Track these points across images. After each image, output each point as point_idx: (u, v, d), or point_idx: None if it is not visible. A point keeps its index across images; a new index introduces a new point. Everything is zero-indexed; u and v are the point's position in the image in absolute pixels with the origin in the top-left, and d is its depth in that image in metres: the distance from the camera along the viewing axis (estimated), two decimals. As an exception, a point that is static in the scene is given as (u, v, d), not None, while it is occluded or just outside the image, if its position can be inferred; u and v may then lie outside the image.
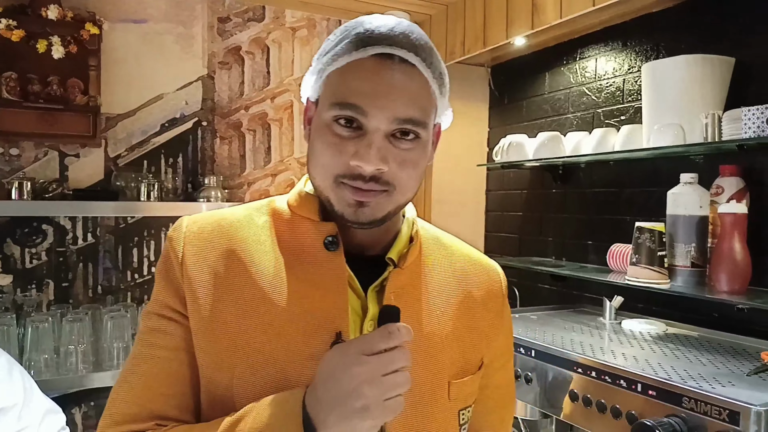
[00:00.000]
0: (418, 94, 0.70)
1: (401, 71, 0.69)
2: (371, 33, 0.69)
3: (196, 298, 0.72)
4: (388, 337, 0.60)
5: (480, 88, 2.79)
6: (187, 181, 2.55)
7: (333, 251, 0.74)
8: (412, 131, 0.70)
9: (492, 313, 0.84)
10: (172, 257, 0.75)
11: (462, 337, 0.80)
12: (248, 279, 0.73)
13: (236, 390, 0.69)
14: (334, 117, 0.69)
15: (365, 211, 0.70)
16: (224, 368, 0.70)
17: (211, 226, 0.77)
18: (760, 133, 1.46)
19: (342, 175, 0.69)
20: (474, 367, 0.81)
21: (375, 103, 0.67)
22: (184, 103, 2.55)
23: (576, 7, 1.93)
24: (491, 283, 0.86)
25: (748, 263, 1.56)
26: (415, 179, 0.73)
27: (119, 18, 2.39)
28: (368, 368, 0.59)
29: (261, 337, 0.70)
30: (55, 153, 2.33)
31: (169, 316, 0.74)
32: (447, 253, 0.85)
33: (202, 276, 0.73)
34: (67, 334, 2.12)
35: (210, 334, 0.71)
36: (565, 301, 2.27)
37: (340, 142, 0.69)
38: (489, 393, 0.86)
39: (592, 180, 2.21)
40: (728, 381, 1.21)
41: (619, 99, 2.11)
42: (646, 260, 1.68)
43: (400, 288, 0.76)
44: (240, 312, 0.71)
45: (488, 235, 2.82)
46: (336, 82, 0.70)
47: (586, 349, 1.45)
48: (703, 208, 1.66)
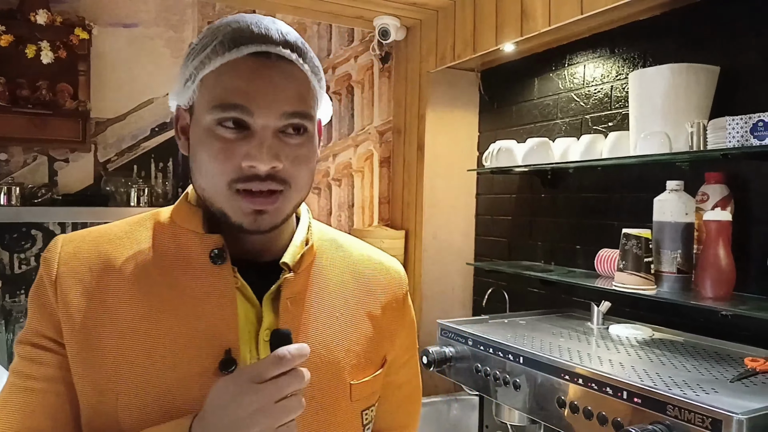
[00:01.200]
0: (301, 88, 0.69)
1: (280, 68, 0.68)
2: (242, 33, 0.67)
3: (72, 323, 0.68)
4: (278, 363, 0.59)
5: (470, 92, 2.81)
6: (177, 185, 2.55)
7: (219, 264, 0.71)
8: (301, 125, 0.69)
9: (393, 311, 0.84)
10: (45, 281, 0.70)
11: (362, 337, 0.79)
12: (128, 298, 0.69)
13: (122, 417, 0.66)
14: (218, 120, 0.66)
15: (265, 218, 0.68)
16: (107, 395, 0.66)
17: (88, 244, 0.73)
18: (744, 143, 1.48)
19: (236, 180, 0.66)
20: (376, 365, 0.81)
21: (260, 101, 0.66)
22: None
23: (565, 14, 1.95)
24: (391, 281, 0.86)
25: (732, 269, 1.58)
26: (308, 175, 0.72)
27: (109, 22, 2.39)
28: (260, 396, 0.58)
29: (144, 360, 0.67)
30: (45, 158, 2.33)
31: (43, 345, 0.69)
32: (344, 254, 0.84)
33: (77, 299, 0.68)
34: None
35: (89, 360, 0.67)
36: (553, 305, 2.29)
37: (227, 146, 0.66)
38: (394, 390, 0.86)
39: (581, 185, 2.23)
40: (712, 388, 1.23)
41: (607, 105, 2.14)
42: (632, 266, 1.70)
43: (296, 294, 0.74)
44: (120, 334, 0.67)
45: (478, 239, 2.84)
46: (213, 85, 0.67)
47: (573, 356, 1.47)
48: (688, 215, 1.68)
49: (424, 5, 2.55)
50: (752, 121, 1.47)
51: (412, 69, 2.87)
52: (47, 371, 0.68)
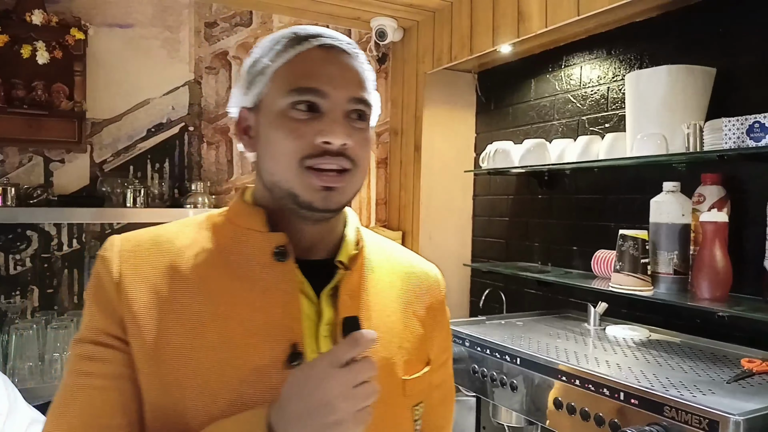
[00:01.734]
0: (363, 78, 0.75)
1: (345, 58, 0.74)
2: (308, 31, 0.74)
3: (137, 321, 0.68)
4: (354, 346, 0.61)
5: (467, 93, 2.81)
6: (173, 186, 2.54)
7: (283, 261, 0.73)
8: (364, 112, 0.74)
9: (434, 313, 0.87)
10: (105, 279, 0.71)
11: (410, 336, 0.82)
12: (194, 296, 0.70)
13: (189, 413, 0.67)
14: (292, 103, 0.70)
15: (334, 196, 0.71)
16: (173, 390, 0.67)
17: (148, 242, 0.74)
18: (740, 144, 1.49)
19: (308, 156, 0.70)
20: (423, 363, 0.83)
21: (332, 84, 0.71)
22: (170, 108, 2.54)
23: (561, 16, 1.95)
24: (432, 284, 0.89)
25: (728, 271, 1.59)
26: (368, 161, 0.76)
27: (105, 23, 2.38)
28: (339, 381, 0.59)
29: (212, 356, 0.68)
30: (40, 158, 2.32)
31: (105, 343, 0.69)
32: (389, 256, 0.87)
33: (143, 297, 0.69)
34: (52, 342, 2.11)
35: (156, 357, 0.68)
36: (550, 306, 2.29)
37: (300, 125, 0.70)
38: (432, 391, 0.88)
39: (577, 186, 2.24)
40: (708, 389, 1.23)
41: (604, 107, 2.14)
42: (629, 267, 1.70)
43: (353, 290, 0.77)
44: (187, 331, 0.68)
45: (475, 239, 2.84)
46: (286, 74, 0.72)
47: (570, 357, 1.47)
48: (685, 216, 1.68)
49: (421, 6, 2.55)
50: (748, 123, 1.47)
51: (409, 70, 2.87)
52: (111, 368, 0.68)
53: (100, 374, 0.68)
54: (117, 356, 0.69)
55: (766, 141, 1.44)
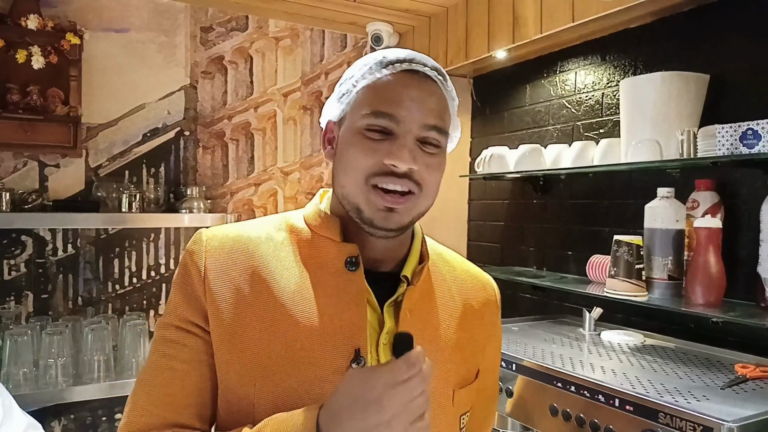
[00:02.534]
0: (441, 106, 0.78)
1: (426, 85, 0.77)
2: (396, 55, 0.78)
3: (219, 314, 0.74)
4: (411, 367, 0.63)
5: (462, 98, 2.81)
6: (169, 191, 2.54)
7: (353, 271, 0.77)
8: (436, 140, 0.77)
9: (488, 324, 0.90)
10: (192, 271, 0.77)
11: (463, 348, 0.85)
12: (271, 296, 0.75)
13: (257, 402, 0.72)
14: (368, 126, 0.74)
15: (394, 216, 0.74)
16: (247, 381, 0.73)
17: (232, 241, 0.79)
18: (734, 151, 1.50)
19: (375, 174, 0.73)
20: (473, 375, 0.86)
21: (406, 111, 0.74)
22: (166, 113, 2.54)
23: (556, 22, 1.96)
24: (488, 295, 0.92)
25: (722, 276, 1.60)
26: (436, 186, 0.79)
27: (101, 27, 2.38)
28: (396, 401, 0.61)
29: (283, 353, 0.73)
30: (35, 163, 2.31)
31: (188, 329, 0.76)
32: (450, 268, 0.90)
33: (225, 292, 0.75)
34: (47, 347, 2.09)
35: (234, 348, 0.73)
36: (545, 311, 2.30)
37: (373, 144, 0.74)
38: (478, 393, 0.90)
39: (572, 191, 2.25)
40: (703, 395, 1.24)
41: (598, 112, 2.15)
42: (624, 273, 1.71)
43: (414, 304, 0.80)
44: (263, 328, 0.74)
45: (471, 244, 2.85)
46: (367, 96, 0.76)
47: (565, 363, 1.48)
48: (679, 222, 1.70)
49: (417, 12, 2.56)
50: (741, 130, 1.48)
51: (404, 75, 2.86)
52: (191, 354, 0.75)
53: (181, 358, 0.75)
54: (198, 343, 0.75)
55: (758, 148, 1.45)
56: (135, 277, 2.48)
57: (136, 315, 2.34)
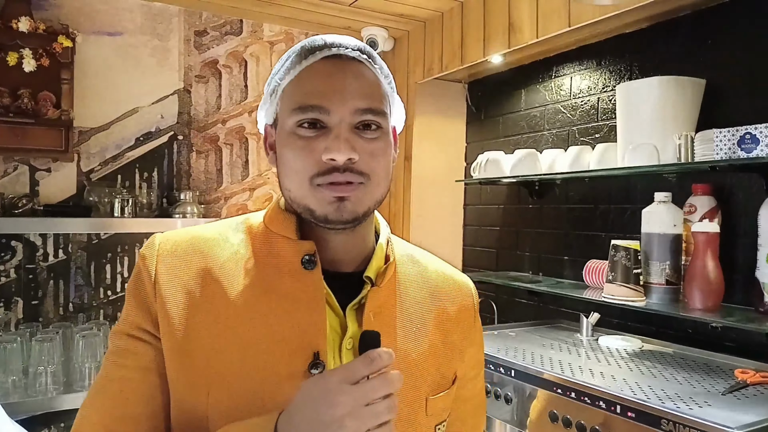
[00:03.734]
0: (372, 86, 0.73)
1: (351, 68, 0.72)
2: (315, 42, 0.73)
3: (169, 318, 0.71)
4: (369, 364, 0.59)
5: (457, 103, 2.81)
6: (162, 195, 2.51)
7: (310, 269, 0.73)
8: (374, 122, 0.72)
9: (464, 328, 0.85)
10: (144, 276, 0.74)
11: (437, 353, 0.80)
12: (224, 298, 0.72)
13: (211, 412, 0.68)
14: (298, 122, 0.71)
15: (347, 205, 0.70)
16: (199, 389, 0.69)
17: (185, 243, 0.76)
18: (731, 155, 1.50)
19: (317, 174, 0.70)
20: (449, 381, 0.82)
21: (334, 99, 0.70)
22: (159, 117, 2.52)
23: (552, 27, 1.96)
24: (463, 297, 0.87)
25: (720, 281, 1.59)
26: (385, 170, 0.74)
27: (93, 30, 2.35)
28: (350, 398, 0.57)
29: (237, 359, 0.69)
30: (26, 168, 2.28)
31: (139, 337, 0.72)
32: (420, 269, 0.85)
33: (175, 295, 0.72)
34: (37, 354, 2.06)
35: (184, 354, 0.70)
36: (542, 316, 2.29)
37: (308, 143, 0.70)
38: (462, 404, 0.87)
39: (568, 196, 2.24)
40: (704, 401, 1.23)
41: (594, 117, 2.15)
42: (621, 278, 1.71)
43: (378, 306, 0.75)
44: (215, 332, 0.70)
45: (466, 249, 2.83)
46: (292, 91, 0.72)
47: (564, 368, 1.46)
48: (676, 227, 1.69)
49: (412, 17, 2.56)
50: (739, 134, 1.48)
51: (399, 80, 2.86)
52: (142, 362, 0.71)
53: (131, 366, 0.71)
54: (148, 350, 0.71)
55: (756, 152, 1.45)
56: (127, 283, 2.44)
57: (128, 321, 2.30)
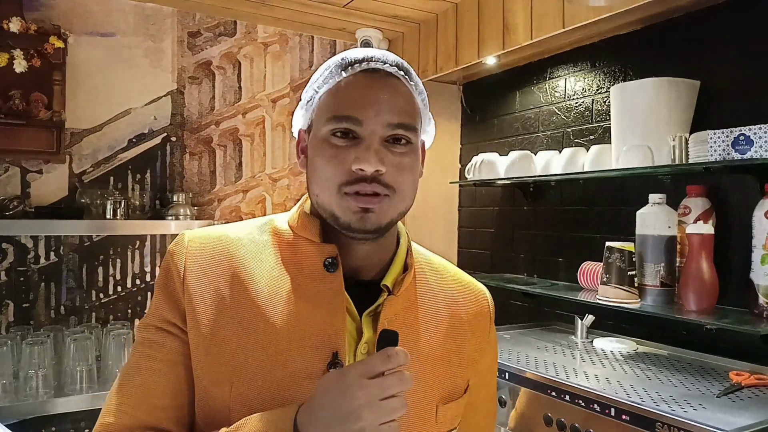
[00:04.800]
0: (406, 102, 0.75)
1: (388, 83, 0.75)
2: (355, 57, 0.76)
3: (196, 314, 0.74)
4: (387, 360, 0.61)
5: (452, 105, 2.81)
6: (155, 197, 2.49)
7: (332, 272, 0.76)
8: (404, 136, 0.74)
9: (479, 337, 0.86)
10: (173, 272, 0.76)
11: (450, 361, 0.82)
12: (248, 298, 0.75)
13: (233, 405, 0.71)
14: (331, 131, 0.73)
15: (371, 217, 0.72)
16: (223, 383, 0.72)
17: (213, 242, 0.79)
18: (726, 156, 1.49)
19: (345, 183, 0.72)
20: (460, 390, 0.83)
21: (368, 112, 0.72)
22: (152, 118, 2.50)
23: (546, 28, 1.96)
24: (479, 307, 0.88)
25: (715, 282, 1.59)
26: (411, 184, 0.76)
27: (86, 31, 2.34)
28: (368, 392, 0.60)
29: (260, 355, 0.72)
30: (17, 169, 2.26)
31: (167, 330, 0.75)
32: (438, 277, 0.87)
33: (203, 293, 0.75)
34: (27, 358, 2.04)
35: (210, 349, 0.73)
36: (536, 318, 2.29)
37: (339, 152, 0.72)
38: (474, 411, 0.88)
39: (563, 198, 2.24)
40: (699, 403, 1.22)
41: (588, 119, 2.15)
42: (616, 280, 1.70)
43: (393, 315, 0.77)
44: (240, 329, 0.73)
45: (461, 250, 2.83)
46: (329, 101, 0.75)
47: (559, 371, 1.46)
48: (671, 228, 1.69)
49: (406, 18, 2.55)
50: (734, 135, 1.48)
51: (394, 81, 2.85)
52: (169, 354, 0.74)
53: (159, 358, 0.74)
54: (176, 343, 0.74)
55: (750, 153, 1.45)
56: (119, 286, 2.43)
57: (120, 324, 2.28)
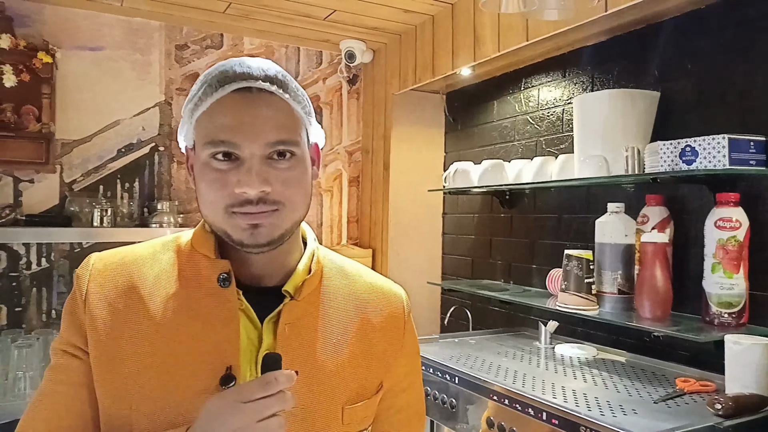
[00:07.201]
0: (283, 117, 0.75)
1: (261, 100, 0.73)
2: (227, 73, 0.74)
3: (96, 334, 0.74)
4: (265, 387, 0.63)
5: (436, 114, 2.85)
6: (143, 205, 2.58)
7: (226, 287, 0.76)
8: (286, 151, 0.74)
9: (391, 338, 0.87)
10: (77, 294, 0.77)
11: (358, 363, 0.82)
12: (145, 315, 0.75)
13: (135, 423, 0.72)
14: (211, 154, 0.73)
15: (261, 231, 0.73)
16: (123, 402, 0.73)
17: (116, 263, 0.79)
18: (674, 167, 1.52)
19: (231, 205, 0.72)
20: (370, 391, 0.83)
21: (244, 134, 0.72)
22: (141, 129, 2.59)
23: (512, 40, 2.00)
24: (391, 308, 0.88)
25: (668, 290, 1.61)
26: (302, 195, 0.76)
27: (75, 45, 2.43)
28: (242, 416, 0.62)
29: (156, 373, 0.73)
30: (9, 179, 2.36)
31: (71, 353, 0.76)
32: (348, 282, 0.87)
33: (102, 312, 0.75)
34: (16, 360, 2.12)
35: (109, 368, 0.73)
36: (511, 323, 2.32)
37: (221, 176, 0.72)
38: (394, 414, 0.88)
39: (535, 206, 2.27)
40: (632, 409, 1.25)
41: (559, 128, 2.18)
42: (574, 287, 1.73)
43: (295, 319, 0.78)
44: (136, 348, 0.74)
45: (445, 257, 2.87)
46: (204, 124, 0.74)
47: (508, 376, 1.49)
48: (628, 237, 1.72)
49: (386, 30, 2.61)
50: (681, 146, 1.51)
51: (378, 91, 2.92)
52: (73, 377, 0.75)
53: (64, 381, 0.75)
54: (80, 366, 0.75)
55: (696, 164, 1.48)
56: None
57: (107, 328, 2.36)
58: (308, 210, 0.79)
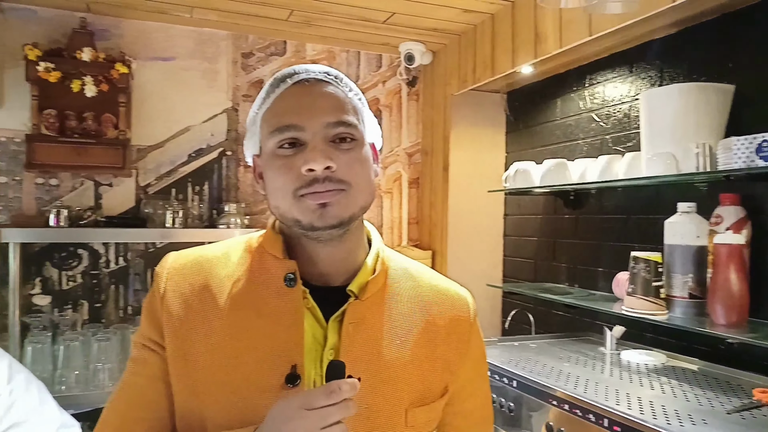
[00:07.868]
0: (341, 102, 0.78)
1: (318, 88, 0.78)
2: (286, 72, 0.80)
3: (172, 330, 0.78)
4: (330, 396, 0.64)
5: (496, 114, 2.81)
6: (212, 208, 2.69)
7: (292, 287, 0.78)
8: (347, 134, 0.77)
9: (456, 341, 0.86)
10: (155, 291, 0.81)
11: (422, 365, 0.82)
12: (218, 313, 0.78)
13: (207, 417, 0.75)
14: (277, 144, 0.76)
15: (330, 210, 0.74)
16: (197, 396, 0.75)
17: (191, 262, 0.83)
18: (749, 163, 1.43)
19: (299, 187, 0.74)
20: (435, 394, 0.83)
21: (305, 115, 0.75)
22: (210, 135, 2.70)
23: (574, 36, 1.94)
24: (457, 312, 0.88)
25: (745, 295, 1.52)
26: (366, 178, 0.78)
27: (149, 56, 2.57)
28: (306, 423, 0.63)
29: (227, 370, 0.75)
30: (91, 183, 2.51)
31: (149, 347, 0.79)
32: (414, 283, 0.87)
33: (178, 310, 0.78)
34: (96, 353, 2.27)
35: (184, 364, 0.77)
36: (576, 327, 2.25)
37: (288, 161, 0.75)
38: (463, 419, 0.88)
39: (601, 206, 2.19)
40: (702, 419, 1.19)
41: (626, 125, 2.10)
42: (641, 290, 1.66)
43: (359, 319, 0.79)
44: (209, 344, 0.77)
45: (506, 259, 2.82)
46: (268, 117, 0.78)
47: (569, 381, 1.45)
48: (700, 238, 1.63)
49: (445, 30, 2.60)
50: (757, 141, 1.42)
51: (437, 92, 2.91)
52: (150, 370, 0.79)
53: (142, 374, 0.79)
54: (156, 360, 0.78)
55: (775, 160, 1.38)
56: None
57: (178, 324, 2.47)
58: (373, 199, 0.80)
